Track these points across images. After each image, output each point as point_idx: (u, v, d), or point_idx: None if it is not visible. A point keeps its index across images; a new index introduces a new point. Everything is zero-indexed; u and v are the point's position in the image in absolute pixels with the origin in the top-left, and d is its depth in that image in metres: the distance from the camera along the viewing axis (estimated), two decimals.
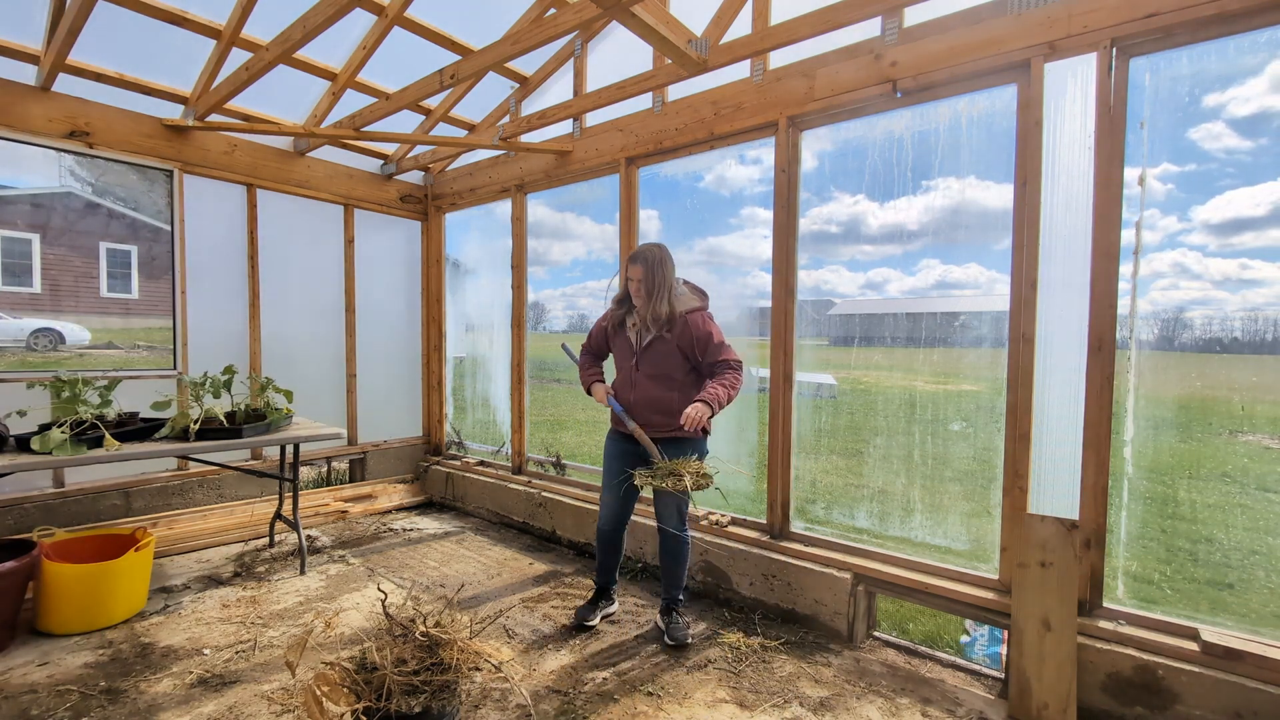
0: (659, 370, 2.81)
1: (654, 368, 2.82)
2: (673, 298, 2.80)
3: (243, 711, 2.28)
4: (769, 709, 2.37)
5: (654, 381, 2.82)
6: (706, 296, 2.98)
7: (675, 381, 2.81)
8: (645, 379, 2.83)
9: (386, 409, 5.36)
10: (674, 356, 2.79)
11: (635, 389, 2.85)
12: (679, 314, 2.78)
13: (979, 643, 3.12)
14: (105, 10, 3.18)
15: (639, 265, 2.78)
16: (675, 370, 2.81)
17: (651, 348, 2.82)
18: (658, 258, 2.78)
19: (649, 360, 2.83)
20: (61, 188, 3.69)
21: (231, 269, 4.41)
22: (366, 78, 4.20)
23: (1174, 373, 2.46)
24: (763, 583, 3.17)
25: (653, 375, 2.82)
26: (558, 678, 2.55)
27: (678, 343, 2.78)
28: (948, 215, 2.89)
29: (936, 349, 2.99)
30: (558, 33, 2.70)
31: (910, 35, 2.79)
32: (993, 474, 2.72)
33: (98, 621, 2.86)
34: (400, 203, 5.37)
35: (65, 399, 3.00)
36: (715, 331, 2.82)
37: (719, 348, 2.79)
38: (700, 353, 2.79)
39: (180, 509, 4.23)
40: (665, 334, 2.78)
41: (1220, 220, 2.40)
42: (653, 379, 2.82)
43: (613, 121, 4.01)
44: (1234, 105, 2.30)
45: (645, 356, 2.84)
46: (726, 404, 2.74)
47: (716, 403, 2.68)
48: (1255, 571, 2.39)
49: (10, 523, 3.59)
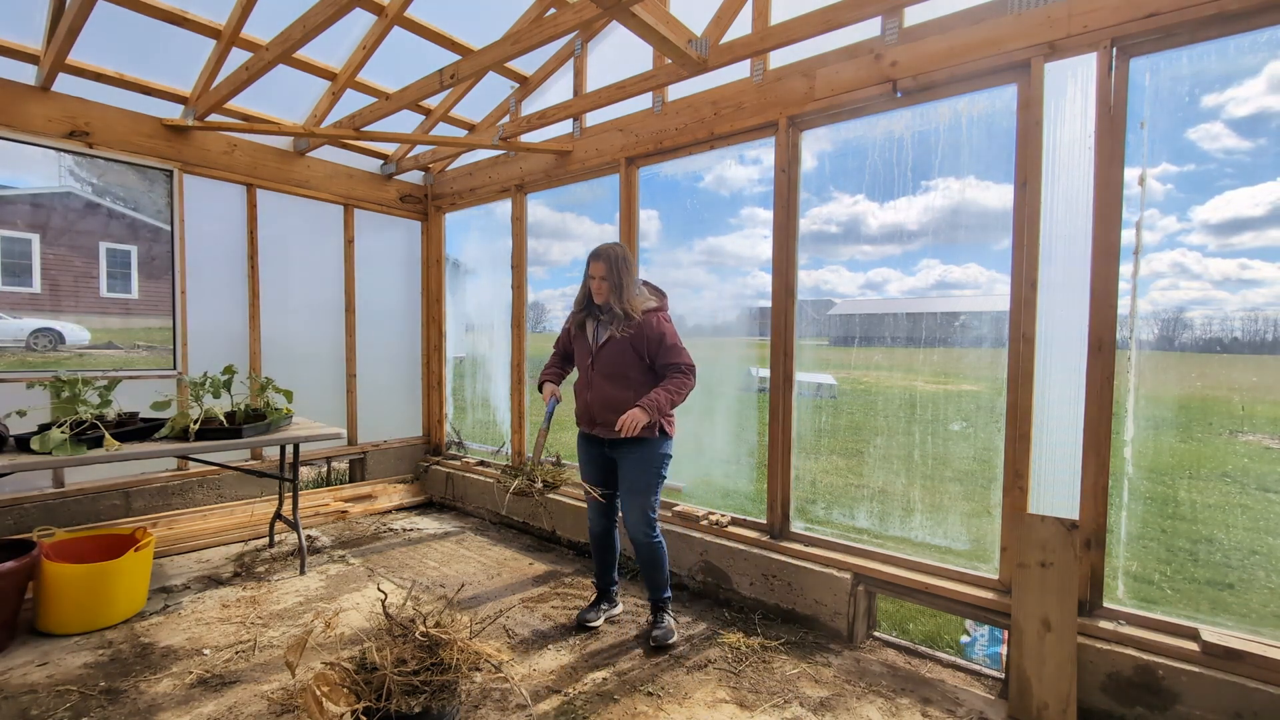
0: (614, 370, 2.79)
1: (610, 367, 2.80)
2: (633, 296, 2.78)
3: (243, 711, 2.27)
4: (769, 709, 2.37)
5: (610, 381, 2.80)
6: (665, 297, 2.98)
7: (631, 381, 2.78)
8: (601, 379, 2.82)
9: (386, 409, 5.36)
10: (629, 355, 2.77)
11: (592, 389, 2.85)
12: (637, 313, 2.77)
13: (979, 643, 3.11)
14: (105, 10, 3.18)
15: (601, 262, 2.76)
16: (631, 370, 2.78)
17: (607, 347, 2.81)
18: (620, 255, 2.77)
19: (604, 360, 2.81)
20: (61, 188, 3.69)
21: (231, 269, 4.41)
22: (366, 78, 4.20)
23: (1174, 373, 2.46)
24: (763, 583, 3.17)
25: (608, 375, 2.80)
26: (558, 678, 2.55)
27: (633, 342, 2.76)
28: (947, 215, 2.89)
29: (936, 349, 2.99)
30: (558, 32, 2.70)
31: (910, 35, 2.79)
32: (993, 474, 2.72)
33: (97, 621, 2.86)
34: (400, 203, 5.37)
35: (65, 399, 3.00)
36: (669, 332, 2.81)
37: (671, 349, 2.77)
38: (652, 353, 2.78)
39: (180, 509, 4.23)
40: (622, 333, 2.76)
41: (1220, 220, 2.40)
42: (609, 379, 2.80)
43: (613, 121, 4.01)
44: (1233, 106, 2.30)
45: (601, 356, 2.82)
46: (670, 409, 2.74)
47: (656, 408, 2.66)
48: (1255, 571, 2.39)
49: (10, 523, 3.59)
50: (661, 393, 2.70)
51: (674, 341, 2.80)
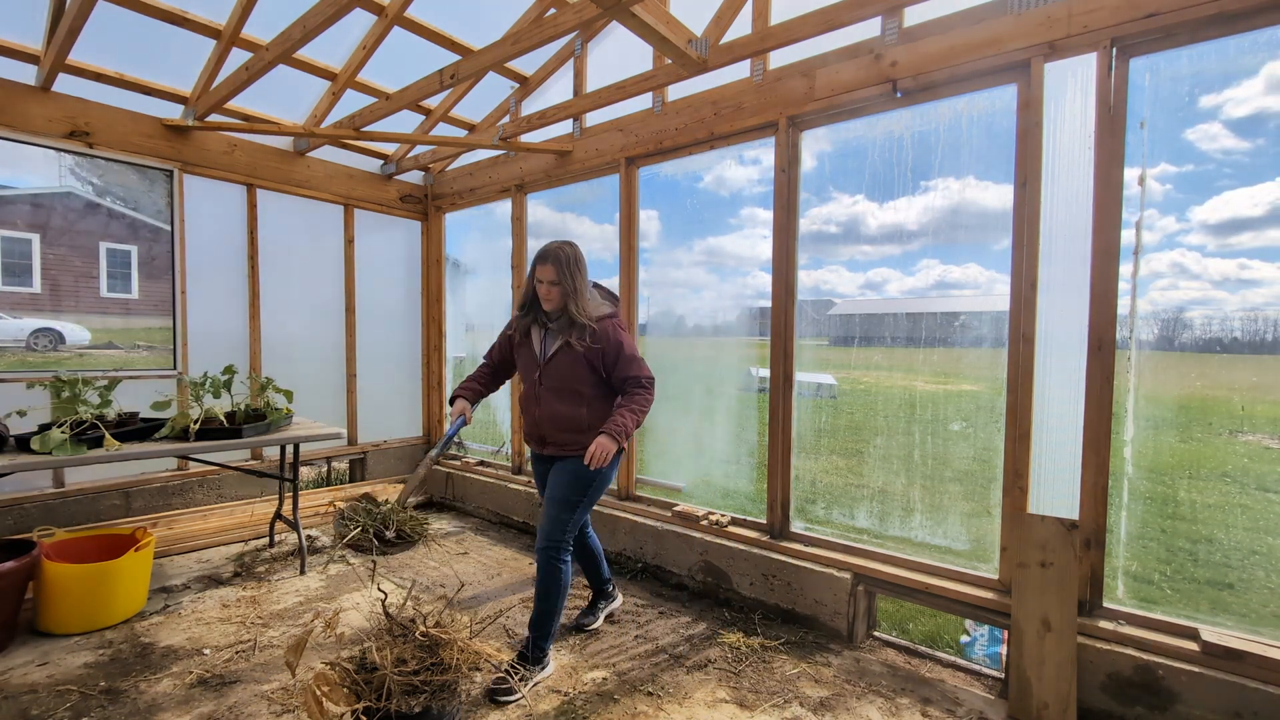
0: (565, 384, 2.54)
1: (559, 381, 2.54)
2: (587, 302, 2.53)
3: (243, 711, 2.27)
4: (769, 709, 2.37)
5: (560, 396, 2.54)
6: (618, 301, 2.74)
7: (584, 396, 2.54)
8: (550, 394, 2.55)
9: (386, 409, 5.36)
10: (580, 368, 2.52)
11: (540, 405, 2.58)
12: (590, 321, 2.51)
13: (979, 643, 3.11)
14: (105, 10, 3.18)
15: (550, 265, 2.48)
16: (583, 384, 2.54)
17: (556, 359, 2.54)
18: (571, 256, 2.50)
19: (553, 373, 2.55)
20: (61, 188, 3.69)
21: (231, 269, 4.41)
22: (366, 78, 4.20)
23: (1174, 373, 2.46)
24: (763, 583, 3.17)
25: (558, 389, 2.55)
26: (558, 678, 2.55)
27: (587, 354, 2.50)
28: (947, 215, 2.89)
29: (936, 349, 2.99)
30: (558, 33, 2.70)
31: (910, 35, 2.79)
32: (993, 474, 2.72)
33: (97, 621, 2.86)
34: (400, 203, 5.37)
35: (65, 399, 3.00)
36: (627, 343, 2.57)
37: (630, 361, 2.54)
38: (609, 365, 2.53)
39: (180, 509, 4.23)
40: (574, 343, 2.49)
41: (1218, 220, 2.40)
42: (558, 394, 2.55)
43: (613, 121, 4.01)
44: (1231, 106, 2.31)
45: (549, 369, 2.55)
46: (635, 430, 2.51)
47: (624, 434, 2.44)
48: (1255, 571, 2.39)
49: (10, 523, 3.59)
50: (627, 414, 2.47)
51: (633, 352, 2.57)
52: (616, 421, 2.44)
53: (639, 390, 2.54)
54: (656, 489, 4.03)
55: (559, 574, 2.51)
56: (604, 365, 2.53)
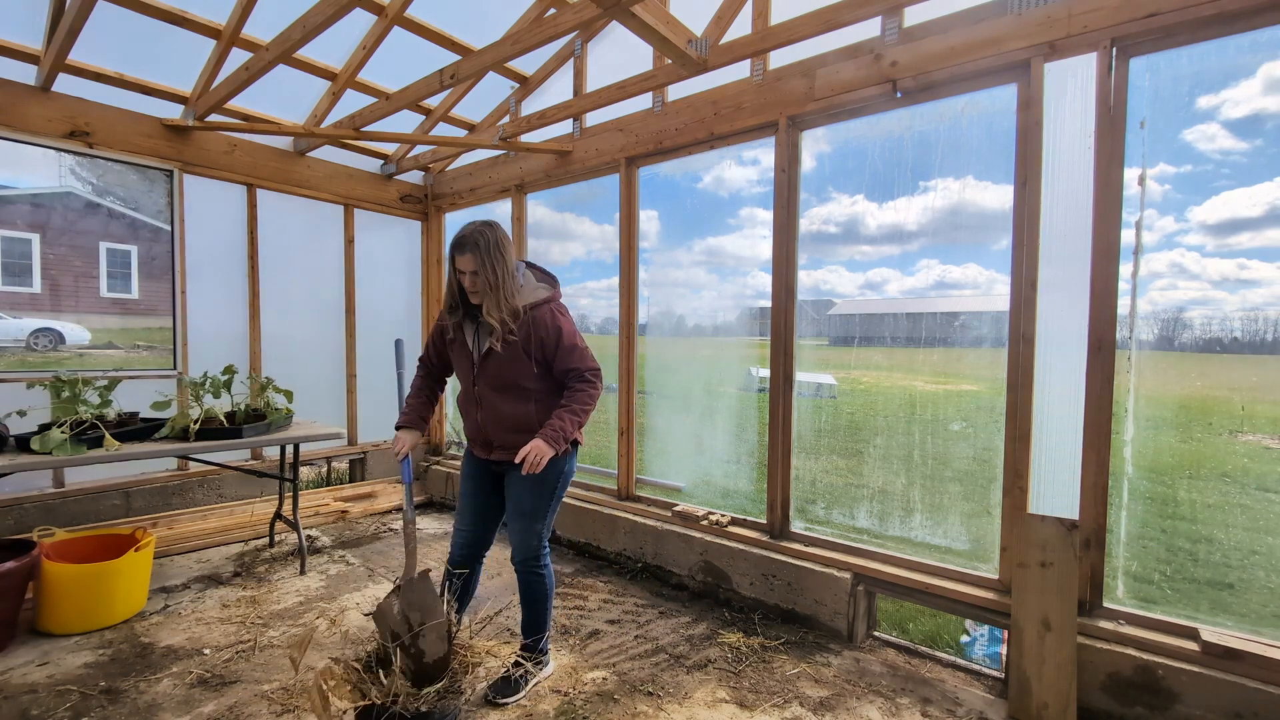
0: (505, 381, 2.28)
1: (498, 379, 2.28)
2: (513, 291, 2.24)
3: (243, 711, 2.28)
4: (769, 709, 2.37)
5: (502, 395, 2.29)
6: (557, 282, 2.42)
7: (528, 392, 2.30)
8: (491, 394, 2.30)
9: (387, 409, 5.35)
10: (520, 362, 2.26)
11: (482, 407, 2.32)
12: (524, 309, 2.26)
13: (979, 643, 3.12)
14: (105, 10, 3.18)
15: (468, 254, 2.18)
16: (525, 378, 2.28)
17: (491, 355, 2.27)
18: (491, 241, 2.20)
19: (491, 371, 2.28)
20: (61, 188, 3.69)
21: (231, 269, 4.42)
22: (366, 78, 4.20)
23: (1174, 373, 2.47)
24: (763, 583, 3.17)
25: (499, 388, 2.29)
26: (558, 678, 2.55)
27: (523, 345, 2.24)
28: (946, 215, 2.89)
29: (936, 349, 2.99)
30: (558, 33, 2.70)
31: (910, 35, 2.79)
32: (993, 474, 2.72)
33: (98, 621, 2.86)
34: (400, 202, 5.37)
35: (65, 399, 3.00)
36: (566, 329, 2.30)
37: (571, 351, 2.28)
38: (548, 356, 2.28)
39: (180, 509, 4.23)
40: (507, 336, 2.23)
41: (1217, 221, 2.41)
42: (500, 392, 2.29)
43: (613, 121, 4.01)
44: (1229, 107, 2.31)
45: (486, 367, 2.29)
46: (578, 430, 2.29)
47: (563, 437, 2.21)
48: (1255, 571, 2.40)
49: (10, 523, 3.59)
50: (566, 415, 2.24)
51: (573, 341, 2.30)
52: (554, 425, 2.21)
53: (581, 385, 2.29)
54: (657, 489, 4.03)
55: (542, 580, 2.41)
56: (545, 355, 2.28)
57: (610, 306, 4.17)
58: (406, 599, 2.11)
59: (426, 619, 2.04)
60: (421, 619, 2.04)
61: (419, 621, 2.03)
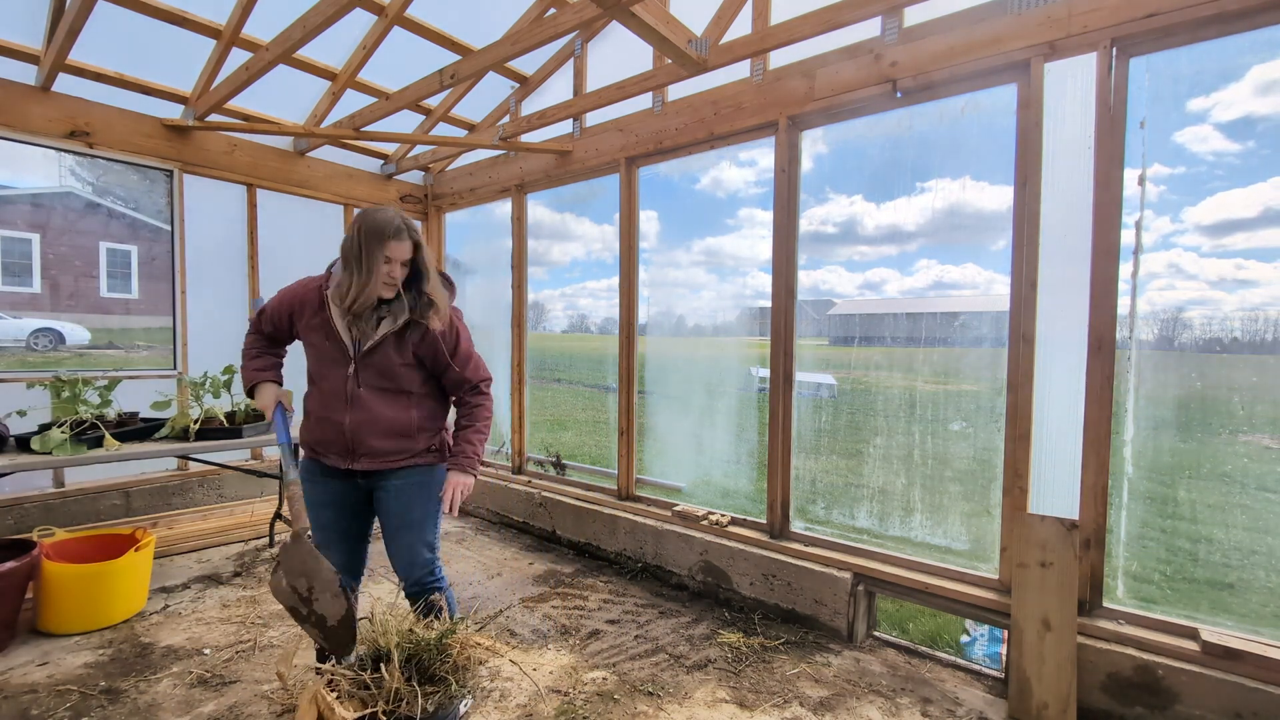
0: (391, 383, 2.04)
1: (384, 379, 2.03)
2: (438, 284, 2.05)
3: (242, 711, 2.28)
4: (769, 709, 2.37)
5: (384, 398, 2.04)
6: (454, 285, 2.22)
7: (414, 397, 2.09)
8: (372, 394, 2.03)
9: None
10: (409, 363, 2.06)
11: (355, 407, 2.02)
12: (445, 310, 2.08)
13: (979, 643, 3.12)
14: (105, 10, 3.18)
15: (407, 242, 1.95)
16: (412, 382, 2.07)
17: (379, 352, 2.01)
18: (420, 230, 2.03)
19: (376, 369, 2.02)
20: (61, 188, 3.69)
21: (231, 269, 4.41)
22: (366, 77, 4.20)
23: (1174, 373, 2.47)
24: (763, 582, 3.17)
25: (382, 389, 2.04)
26: (558, 678, 2.55)
27: (416, 347, 2.04)
28: (945, 216, 2.89)
29: (936, 349, 2.99)
30: (558, 33, 2.70)
31: (910, 35, 2.79)
32: (993, 474, 2.73)
33: (98, 621, 2.86)
34: (400, 202, 5.37)
35: (65, 399, 3.00)
36: (465, 334, 2.14)
37: (468, 360, 2.12)
38: (441, 361, 2.07)
39: (180, 509, 4.23)
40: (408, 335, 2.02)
41: (1212, 222, 2.41)
42: (382, 394, 2.04)
43: (613, 121, 4.01)
44: (1220, 109, 2.32)
45: (370, 365, 2.02)
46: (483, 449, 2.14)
47: (478, 462, 2.11)
48: (1255, 571, 2.39)
49: (10, 523, 3.59)
50: (474, 436, 2.10)
51: (470, 349, 2.14)
52: (465, 452, 2.08)
53: (478, 400, 2.15)
54: (656, 489, 4.03)
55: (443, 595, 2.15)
56: (441, 362, 2.08)
57: (610, 306, 4.18)
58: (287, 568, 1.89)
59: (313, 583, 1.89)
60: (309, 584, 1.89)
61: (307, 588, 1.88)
